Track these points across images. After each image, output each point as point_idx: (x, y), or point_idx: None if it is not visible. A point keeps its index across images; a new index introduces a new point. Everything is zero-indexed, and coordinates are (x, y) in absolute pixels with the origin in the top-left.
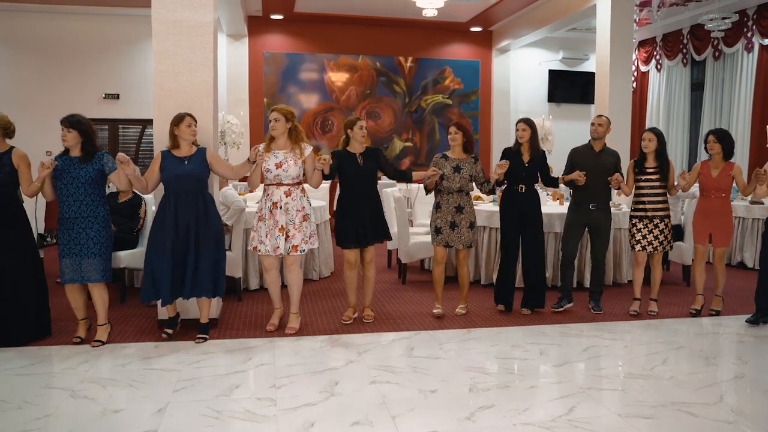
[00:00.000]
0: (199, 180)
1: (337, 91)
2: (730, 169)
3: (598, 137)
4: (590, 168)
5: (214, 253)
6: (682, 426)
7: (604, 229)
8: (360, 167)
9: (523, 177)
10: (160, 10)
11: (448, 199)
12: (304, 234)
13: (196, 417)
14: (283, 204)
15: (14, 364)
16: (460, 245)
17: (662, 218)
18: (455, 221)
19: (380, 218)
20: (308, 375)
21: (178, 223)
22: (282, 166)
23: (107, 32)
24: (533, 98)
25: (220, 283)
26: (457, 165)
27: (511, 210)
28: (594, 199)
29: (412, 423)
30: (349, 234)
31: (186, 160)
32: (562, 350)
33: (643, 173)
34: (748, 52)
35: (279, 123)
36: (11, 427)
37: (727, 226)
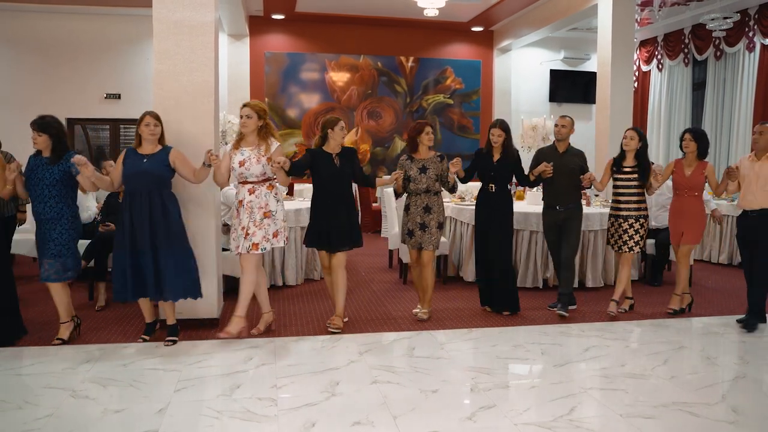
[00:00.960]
0: (156, 179)
1: (338, 90)
2: (703, 168)
3: (562, 138)
4: (555, 169)
5: (173, 254)
6: (684, 426)
7: (573, 230)
8: (336, 168)
9: (492, 176)
10: (161, 10)
11: (416, 201)
12: (265, 232)
13: (197, 417)
14: (246, 203)
15: (15, 363)
16: (429, 246)
17: (637, 218)
18: (424, 222)
19: (352, 223)
20: (309, 375)
21: (134, 221)
22: (245, 164)
23: (108, 32)
24: (534, 98)
25: (188, 285)
26: (423, 165)
27: (484, 209)
28: (560, 201)
29: (413, 423)
30: (320, 237)
31: (146, 158)
32: (563, 350)
33: (621, 172)
34: (750, 52)
35: (251, 120)
36: (12, 427)
37: (698, 224)
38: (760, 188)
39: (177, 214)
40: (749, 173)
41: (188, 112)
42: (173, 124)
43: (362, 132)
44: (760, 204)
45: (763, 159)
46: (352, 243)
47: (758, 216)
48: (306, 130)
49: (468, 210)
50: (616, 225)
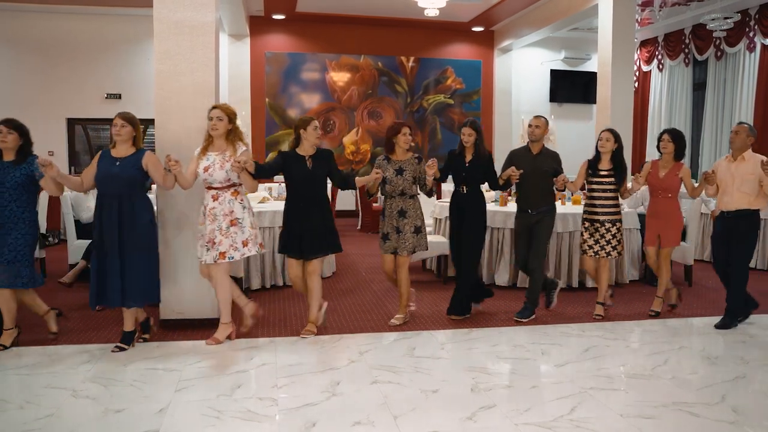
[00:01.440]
0: (127, 183)
1: (338, 90)
2: (677, 170)
3: (536, 139)
4: (527, 171)
5: (138, 260)
6: (684, 426)
7: (541, 233)
8: (308, 170)
9: (463, 177)
10: (161, 10)
11: (391, 204)
12: (232, 240)
13: (198, 417)
14: (209, 209)
15: (15, 363)
16: (404, 251)
17: (613, 222)
18: (399, 226)
19: (327, 228)
20: (310, 375)
21: (103, 225)
22: (209, 170)
23: (109, 32)
24: (535, 98)
25: (151, 290)
26: (400, 167)
27: (454, 212)
28: (532, 204)
29: (413, 423)
30: (292, 243)
31: (118, 161)
32: (563, 350)
33: (597, 175)
34: (750, 52)
35: (222, 122)
36: (13, 427)
37: (674, 227)
38: (737, 189)
39: (147, 218)
40: (726, 175)
41: (189, 112)
42: (174, 124)
43: (363, 132)
44: (737, 205)
45: (739, 159)
46: (328, 248)
47: (734, 217)
48: None
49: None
50: (592, 230)
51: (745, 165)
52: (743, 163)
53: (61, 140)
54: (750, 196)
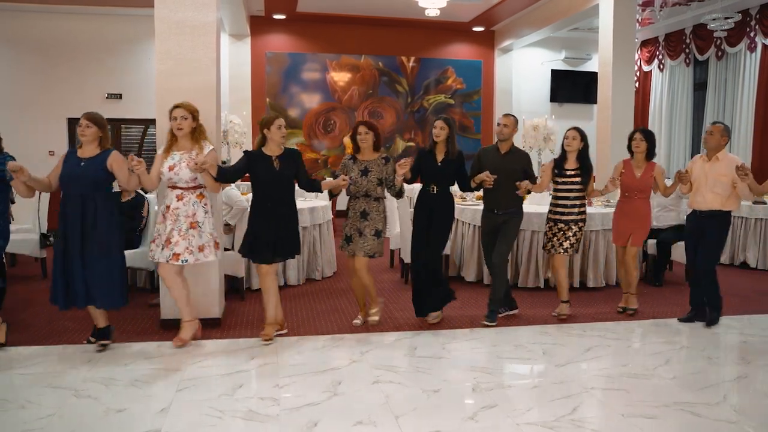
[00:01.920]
0: (91, 183)
1: (339, 90)
2: (651, 170)
3: (504, 138)
4: (495, 171)
5: (102, 261)
6: (685, 426)
7: (507, 233)
8: (274, 171)
9: (435, 177)
10: (162, 10)
11: (354, 205)
12: (188, 243)
13: (200, 416)
14: (173, 209)
15: (17, 363)
16: (361, 252)
17: (577, 222)
18: (360, 228)
19: (291, 232)
20: (311, 375)
21: (67, 226)
22: (174, 169)
23: (109, 32)
24: (536, 98)
25: (113, 294)
26: (366, 167)
27: (422, 212)
28: (500, 205)
29: (415, 423)
30: (258, 246)
31: (83, 162)
32: (564, 350)
33: (563, 175)
34: (751, 52)
35: (186, 121)
36: (14, 427)
37: (645, 226)
38: (709, 189)
39: (112, 219)
40: (700, 174)
41: None
42: None
43: None
44: (709, 205)
45: (713, 159)
46: (290, 252)
47: (707, 216)
48: (307, 130)
49: (470, 210)
50: (555, 229)
51: (719, 165)
52: (717, 164)
53: (62, 140)
54: (722, 197)
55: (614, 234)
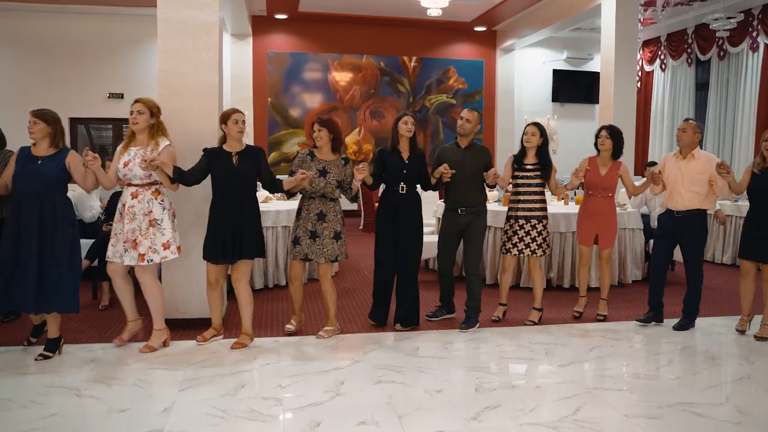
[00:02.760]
0: (49, 182)
1: (341, 90)
2: (617, 169)
3: (465, 134)
4: (456, 168)
5: (59, 264)
6: (689, 426)
7: (476, 236)
8: (233, 168)
9: (404, 175)
10: (165, 10)
11: (309, 205)
12: (151, 242)
13: (202, 416)
14: (128, 207)
15: (20, 363)
16: (321, 259)
17: (540, 219)
18: (316, 231)
19: (253, 230)
20: (313, 374)
21: (21, 227)
22: (128, 165)
23: (111, 32)
24: (537, 98)
25: (68, 298)
26: (324, 167)
27: (390, 214)
28: (462, 202)
29: (418, 423)
30: (214, 246)
31: (40, 160)
32: (567, 350)
33: (522, 169)
34: (753, 52)
35: (142, 116)
36: (17, 426)
37: (612, 226)
38: (686, 188)
39: (69, 221)
40: (674, 172)
41: (192, 112)
42: (177, 123)
43: (365, 132)
44: (686, 204)
45: (689, 157)
46: (254, 251)
47: (684, 217)
48: (308, 130)
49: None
50: (516, 227)
51: (694, 163)
52: (693, 161)
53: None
54: (700, 196)
55: (579, 234)
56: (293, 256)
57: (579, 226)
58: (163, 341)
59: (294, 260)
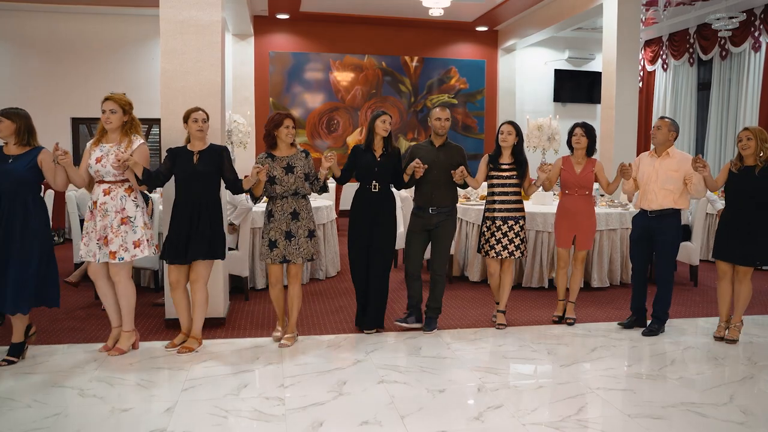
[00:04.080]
0: (20, 181)
1: (342, 90)
2: (592, 166)
3: (443, 134)
4: (429, 166)
5: (32, 264)
6: (692, 426)
7: (445, 236)
8: (192, 167)
9: (375, 173)
10: (167, 10)
11: (282, 205)
12: (122, 240)
13: (205, 416)
14: (100, 204)
15: (23, 363)
16: (299, 259)
17: (516, 220)
18: (291, 230)
19: (212, 231)
20: (316, 375)
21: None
22: (101, 161)
23: (114, 32)
24: (539, 98)
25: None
26: (288, 163)
27: (363, 214)
28: (434, 201)
29: (420, 423)
30: (171, 246)
31: (11, 159)
32: (570, 350)
33: (498, 169)
34: (756, 52)
35: (115, 115)
36: (21, 426)
37: (590, 226)
38: (660, 187)
39: (42, 220)
40: (649, 170)
41: None
42: (180, 123)
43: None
44: (660, 203)
45: (663, 155)
46: (212, 252)
47: (657, 216)
48: (310, 130)
49: (474, 210)
50: (494, 228)
51: (669, 161)
52: (667, 159)
53: (66, 139)
54: (674, 194)
55: (557, 236)
56: (271, 260)
57: (557, 228)
58: (132, 343)
59: (272, 264)
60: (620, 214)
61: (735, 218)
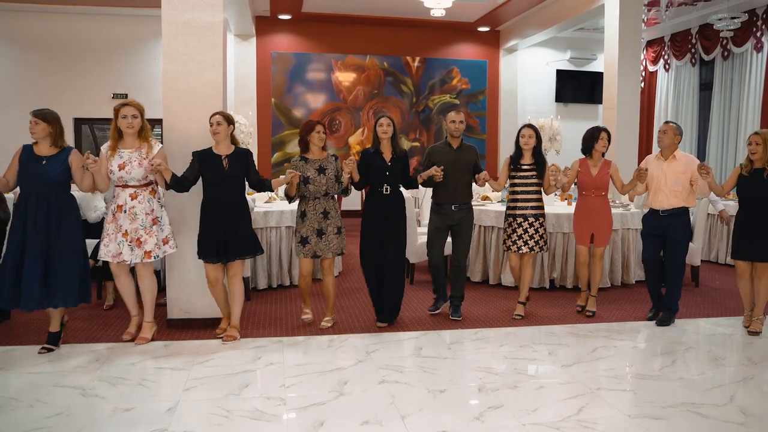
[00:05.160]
0: (54, 182)
1: (344, 90)
2: (607, 168)
3: (459, 135)
4: (450, 166)
5: (65, 260)
6: (692, 427)
7: (467, 230)
8: (224, 171)
9: (387, 177)
10: (169, 11)
11: (314, 205)
12: (156, 239)
13: (206, 416)
14: (128, 208)
15: (25, 362)
16: (329, 254)
17: (537, 217)
18: (322, 228)
19: (246, 230)
20: (317, 374)
21: (27, 226)
22: (125, 168)
23: (116, 32)
24: (541, 98)
25: (76, 293)
26: (321, 166)
27: (376, 216)
28: (456, 199)
29: (421, 422)
30: (210, 246)
31: (45, 160)
32: (570, 350)
33: (519, 170)
34: (758, 52)
35: (136, 120)
36: (23, 426)
37: (607, 225)
38: (670, 188)
39: (74, 218)
40: (657, 173)
41: (196, 112)
42: (181, 123)
43: (368, 132)
44: (671, 203)
45: (670, 159)
46: (250, 250)
47: (669, 215)
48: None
49: (492, 212)
50: (515, 225)
51: (676, 164)
52: (675, 162)
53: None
54: (683, 194)
55: (576, 234)
56: (303, 255)
57: (576, 226)
58: (153, 333)
59: (304, 258)
60: (621, 214)
61: (749, 219)
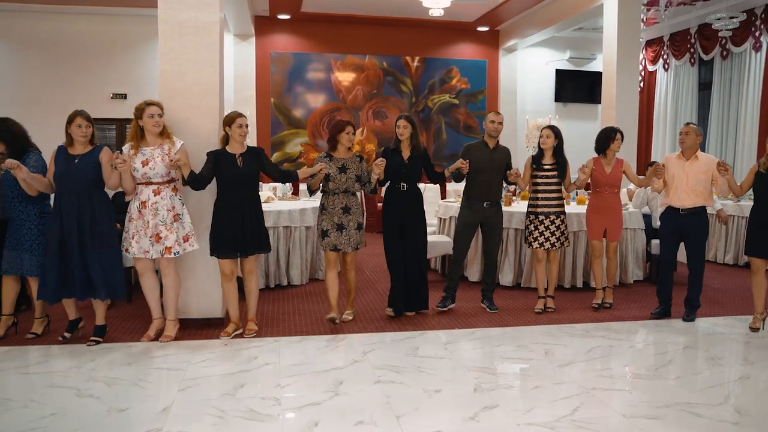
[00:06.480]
0: (87, 179)
1: (343, 90)
2: (620, 166)
3: (496, 135)
4: (485, 165)
5: (102, 255)
6: (688, 426)
7: (499, 226)
8: (238, 170)
9: (404, 174)
10: (166, 11)
11: (333, 201)
12: (177, 235)
13: (201, 416)
14: (151, 204)
15: (20, 362)
16: (349, 248)
17: (558, 214)
18: (342, 223)
19: (260, 226)
20: (313, 374)
21: (63, 222)
22: (149, 164)
23: (115, 32)
24: (540, 98)
25: (112, 285)
26: (343, 165)
27: (394, 210)
28: (489, 196)
29: (416, 423)
30: (226, 243)
31: (77, 159)
32: (566, 350)
33: (541, 169)
34: (756, 52)
35: (162, 119)
36: (17, 426)
37: (619, 220)
38: (691, 189)
39: (107, 214)
40: (679, 172)
41: (193, 112)
42: (179, 123)
43: (368, 132)
44: (692, 202)
45: (692, 159)
46: (264, 246)
47: (689, 213)
48: (311, 130)
49: None
50: (537, 222)
51: (698, 164)
52: (696, 162)
53: None
54: (704, 194)
55: (589, 230)
56: (324, 247)
57: (588, 222)
58: (176, 331)
59: (326, 250)
60: None
61: (763, 216)
